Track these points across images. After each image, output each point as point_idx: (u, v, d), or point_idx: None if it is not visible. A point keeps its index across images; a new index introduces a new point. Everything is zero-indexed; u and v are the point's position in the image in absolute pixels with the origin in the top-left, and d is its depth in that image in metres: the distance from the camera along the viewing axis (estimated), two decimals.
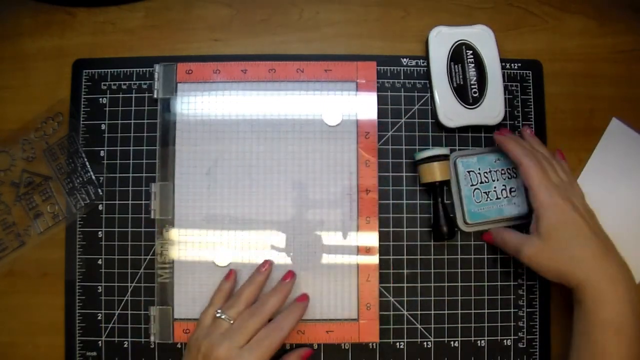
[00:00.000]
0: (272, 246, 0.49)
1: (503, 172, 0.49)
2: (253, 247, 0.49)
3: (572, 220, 0.42)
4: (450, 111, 0.49)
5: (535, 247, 0.43)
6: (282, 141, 0.49)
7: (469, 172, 0.49)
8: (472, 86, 0.49)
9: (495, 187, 0.49)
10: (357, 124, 0.50)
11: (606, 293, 0.40)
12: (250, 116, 0.50)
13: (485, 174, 0.49)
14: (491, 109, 0.49)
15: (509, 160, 0.48)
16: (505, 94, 0.50)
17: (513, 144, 0.45)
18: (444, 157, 0.47)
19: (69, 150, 0.50)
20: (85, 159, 0.50)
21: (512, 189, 0.49)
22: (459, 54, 0.49)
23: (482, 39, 0.50)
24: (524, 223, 0.48)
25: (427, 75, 0.50)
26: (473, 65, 0.49)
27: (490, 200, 0.49)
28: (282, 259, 0.48)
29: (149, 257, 0.49)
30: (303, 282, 0.48)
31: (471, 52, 0.49)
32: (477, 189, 0.49)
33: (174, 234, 0.48)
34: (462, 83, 0.49)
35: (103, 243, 0.49)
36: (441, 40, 0.50)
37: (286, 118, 0.50)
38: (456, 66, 0.49)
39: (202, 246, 0.48)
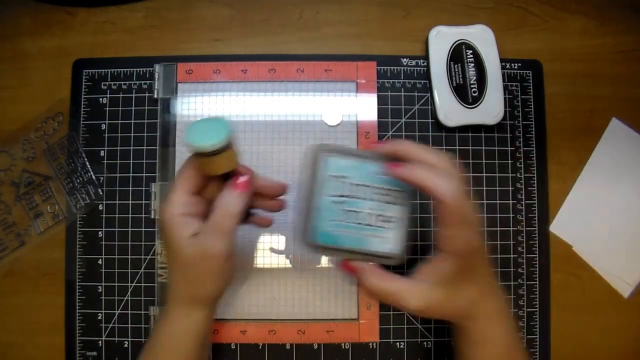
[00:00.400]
0: (271, 247, 0.49)
1: (385, 193, 0.36)
2: (253, 247, 0.49)
3: (475, 267, 0.36)
4: (450, 111, 0.49)
5: (429, 300, 0.36)
6: (282, 141, 0.49)
7: (334, 176, 0.36)
8: (472, 86, 0.49)
9: (364, 208, 0.36)
10: (357, 124, 0.50)
11: (494, 328, 0.38)
12: (250, 116, 0.50)
13: (358, 187, 0.36)
14: (491, 108, 0.49)
15: (398, 180, 0.36)
16: (505, 94, 0.50)
17: (420, 170, 0.35)
18: (230, 144, 0.35)
19: (69, 150, 0.50)
20: (86, 159, 0.50)
21: (389, 219, 0.37)
22: (459, 53, 0.49)
23: (482, 38, 0.50)
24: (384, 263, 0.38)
25: (427, 75, 0.50)
26: (473, 64, 0.49)
27: (353, 223, 0.36)
28: (282, 260, 0.48)
29: (149, 257, 0.49)
30: (303, 283, 0.48)
31: (471, 51, 0.49)
32: (338, 203, 0.36)
33: None
34: (461, 83, 0.49)
35: (103, 243, 0.49)
36: (441, 40, 0.50)
37: (286, 118, 0.50)
38: (456, 66, 0.49)
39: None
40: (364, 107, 0.50)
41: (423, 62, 0.51)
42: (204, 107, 0.50)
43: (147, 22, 0.52)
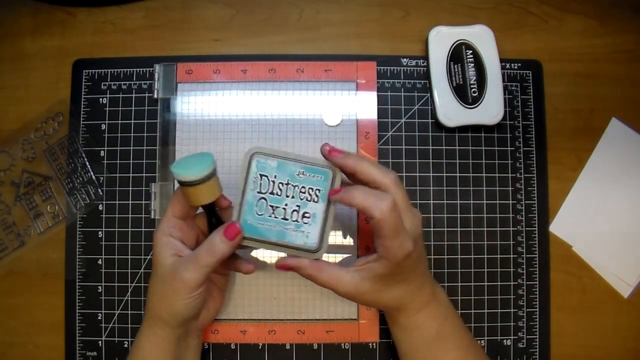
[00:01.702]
0: None
1: (303, 190, 0.40)
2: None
3: (406, 271, 0.39)
4: (450, 111, 0.49)
5: (357, 288, 0.39)
6: (282, 141, 0.49)
7: (261, 175, 0.40)
8: (472, 86, 0.49)
9: (286, 205, 0.40)
10: (357, 124, 0.50)
11: (426, 316, 0.41)
12: (250, 116, 0.50)
13: (281, 185, 0.40)
14: (491, 108, 0.49)
15: (315, 180, 0.40)
16: (505, 94, 0.50)
17: (357, 193, 0.38)
18: (212, 174, 0.39)
19: (69, 150, 0.50)
20: (86, 159, 0.50)
21: (306, 215, 0.40)
22: (459, 53, 0.49)
23: (482, 38, 0.50)
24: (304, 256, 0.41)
25: (426, 75, 0.50)
26: (472, 64, 0.49)
27: (275, 217, 0.40)
28: None
29: (149, 257, 0.49)
30: (303, 282, 0.48)
31: (471, 51, 0.49)
32: (264, 199, 0.40)
33: None
34: (461, 83, 0.49)
35: (103, 243, 0.49)
36: (441, 40, 0.50)
37: (286, 118, 0.50)
38: (456, 66, 0.49)
39: None
40: (364, 107, 0.50)
41: (423, 62, 0.51)
42: (203, 107, 0.50)
43: (147, 22, 0.52)
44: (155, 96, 0.50)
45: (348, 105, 0.50)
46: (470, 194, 0.50)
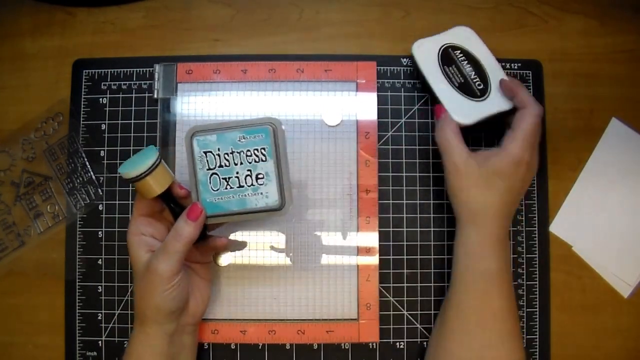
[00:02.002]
0: (271, 246, 0.49)
1: (249, 153, 0.40)
2: (253, 247, 0.49)
3: (512, 181, 0.42)
4: (463, 109, 0.47)
5: (467, 166, 0.42)
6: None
7: (205, 153, 0.40)
8: (474, 80, 0.49)
9: (238, 173, 0.40)
10: (357, 124, 0.50)
11: (490, 247, 0.42)
12: (250, 116, 0.50)
13: (226, 155, 0.40)
14: (500, 95, 0.48)
15: (258, 139, 0.40)
16: None
17: (524, 88, 0.45)
18: (156, 164, 0.39)
19: (69, 150, 0.50)
20: (86, 159, 0.50)
21: (260, 175, 0.40)
22: (448, 56, 0.49)
23: (465, 37, 0.49)
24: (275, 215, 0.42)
25: (426, 89, 0.49)
26: (466, 62, 0.49)
27: (231, 188, 0.40)
28: (282, 260, 0.48)
29: None
30: (303, 282, 0.48)
31: (459, 51, 0.49)
32: (216, 174, 0.40)
33: None
34: (462, 81, 0.49)
35: (103, 243, 0.49)
36: (426, 51, 0.49)
37: (286, 118, 0.50)
38: (450, 68, 0.49)
39: None
40: (363, 107, 0.50)
41: None
42: (203, 107, 0.50)
43: (147, 22, 0.52)
44: (155, 96, 0.50)
45: (348, 106, 0.50)
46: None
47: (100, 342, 0.48)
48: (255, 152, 0.40)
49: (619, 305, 0.50)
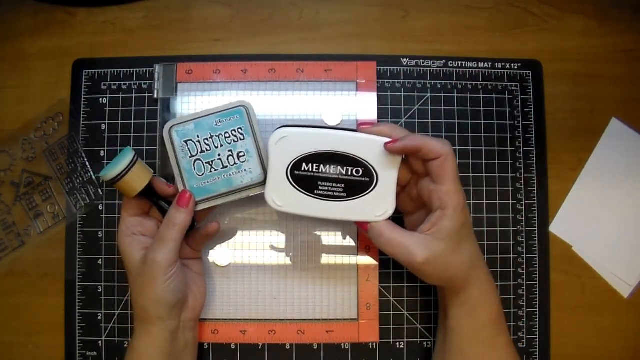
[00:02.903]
0: (271, 246, 0.49)
1: (227, 135, 0.42)
2: (253, 247, 0.49)
3: (469, 222, 0.40)
4: (376, 209, 0.41)
5: (434, 251, 0.38)
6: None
7: (186, 142, 0.42)
8: (351, 176, 0.41)
9: (219, 155, 0.42)
10: (357, 124, 0.49)
11: (491, 290, 0.41)
12: None
13: (206, 140, 0.42)
14: (384, 163, 0.41)
15: (233, 121, 0.42)
16: (505, 94, 0.50)
17: (419, 137, 0.39)
18: (133, 163, 0.41)
19: (69, 150, 0.50)
20: (86, 159, 0.50)
21: (241, 154, 0.42)
22: (301, 179, 0.41)
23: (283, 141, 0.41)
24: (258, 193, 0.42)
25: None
26: (322, 165, 0.41)
27: (215, 170, 0.42)
28: (281, 259, 0.48)
29: None
30: (303, 282, 0.48)
31: (304, 163, 0.41)
32: (198, 159, 0.42)
33: None
34: (343, 186, 0.41)
35: (103, 243, 0.49)
36: (282, 196, 0.42)
37: (286, 118, 0.50)
38: (322, 187, 0.41)
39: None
40: (364, 107, 0.50)
41: (423, 62, 0.51)
42: (203, 107, 0.50)
43: (147, 22, 0.52)
44: (155, 96, 0.50)
45: (348, 106, 0.50)
46: (470, 194, 0.50)
47: (100, 342, 0.48)
48: (233, 132, 0.43)
49: (619, 305, 0.50)
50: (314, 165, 0.41)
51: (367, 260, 0.48)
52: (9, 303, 0.49)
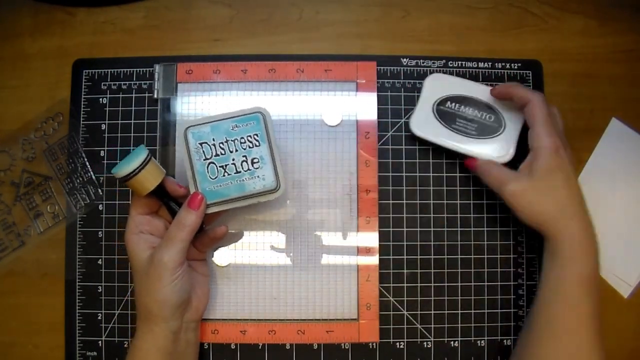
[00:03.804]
0: (271, 246, 0.49)
1: (243, 140, 0.42)
2: (253, 247, 0.49)
3: (565, 168, 0.42)
4: (498, 150, 0.47)
5: (522, 185, 0.42)
6: (282, 141, 0.49)
7: (201, 144, 0.42)
8: (483, 117, 0.48)
9: (234, 160, 0.42)
10: (357, 124, 0.50)
11: (583, 247, 0.41)
12: None
13: (221, 144, 0.42)
14: (509, 111, 0.48)
15: (250, 127, 0.42)
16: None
17: (517, 85, 0.45)
18: (146, 162, 0.41)
19: (69, 150, 0.50)
20: (86, 159, 0.50)
21: (255, 160, 0.42)
22: (445, 114, 0.48)
23: (440, 86, 0.49)
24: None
25: (454, 155, 0.48)
26: (462, 106, 0.49)
27: (229, 175, 0.42)
28: (282, 260, 0.48)
29: None
30: (303, 282, 0.48)
31: (449, 102, 0.48)
32: (212, 163, 0.42)
33: None
34: (476, 126, 0.49)
35: (103, 243, 0.49)
36: (424, 123, 0.49)
37: (286, 118, 0.50)
38: (456, 123, 0.48)
39: None
40: (363, 107, 0.50)
41: (423, 62, 0.51)
42: (204, 107, 0.50)
43: (147, 22, 0.52)
44: (155, 96, 0.50)
45: (348, 106, 0.50)
46: (471, 193, 0.50)
47: (100, 342, 0.48)
48: (249, 138, 0.43)
49: (619, 305, 0.50)
50: (457, 104, 0.48)
51: (367, 260, 0.48)
52: (9, 303, 0.49)
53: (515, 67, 0.51)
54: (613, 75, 0.52)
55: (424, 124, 0.48)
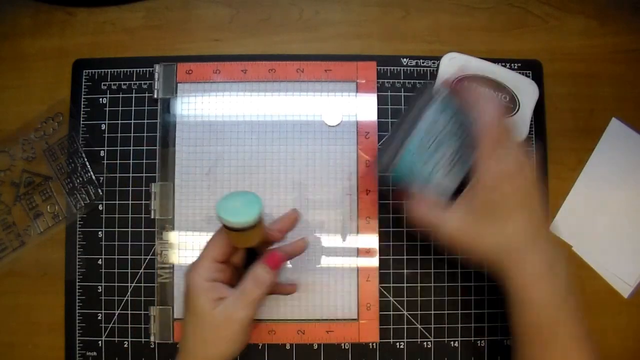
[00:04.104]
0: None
1: (461, 136, 0.39)
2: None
3: (511, 201, 0.35)
4: (514, 129, 0.47)
5: (461, 220, 0.36)
6: (282, 141, 0.49)
7: (433, 121, 0.39)
8: (499, 98, 0.48)
9: (443, 149, 0.39)
10: (357, 124, 0.50)
11: (546, 282, 0.35)
12: (251, 117, 0.50)
13: (444, 129, 0.39)
14: (522, 89, 0.48)
15: (465, 123, 0.39)
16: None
17: (484, 103, 0.37)
18: (260, 219, 0.37)
19: (69, 150, 0.50)
20: (85, 159, 0.50)
21: (458, 159, 0.39)
22: None
23: (457, 64, 0.48)
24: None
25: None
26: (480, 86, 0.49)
27: (429, 161, 0.39)
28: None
29: (149, 257, 0.49)
30: (303, 282, 0.48)
31: (466, 82, 0.48)
32: (426, 141, 0.39)
33: (174, 234, 0.48)
34: None
35: (103, 243, 0.49)
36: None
37: (286, 118, 0.50)
38: None
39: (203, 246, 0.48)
40: (364, 107, 0.50)
41: (423, 62, 0.51)
42: (203, 107, 0.50)
43: (147, 22, 0.52)
44: (156, 96, 0.50)
45: (348, 105, 0.50)
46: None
47: (100, 342, 0.48)
48: (467, 138, 0.39)
49: (619, 305, 0.50)
50: (474, 84, 0.47)
51: (367, 260, 0.48)
52: (9, 303, 0.49)
53: (515, 67, 0.51)
54: (613, 75, 0.52)
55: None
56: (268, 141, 0.49)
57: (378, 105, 0.50)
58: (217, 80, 0.50)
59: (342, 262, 0.48)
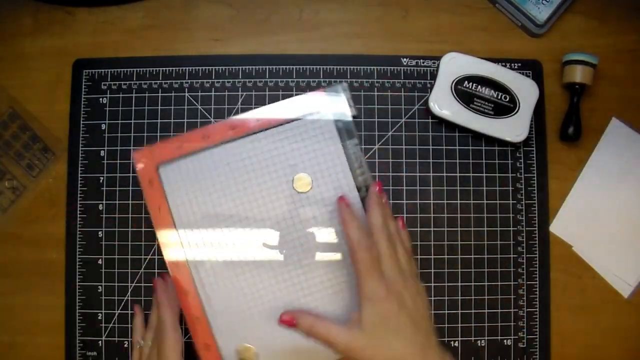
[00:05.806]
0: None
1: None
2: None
3: (395, 317, 0.37)
4: (513, 130, 0.49)
5: (354, 339, 0.37)
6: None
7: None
8: (499, 97, 0.49)
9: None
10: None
11: None
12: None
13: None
14: (522, 89, 0.49)
15: None
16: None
17: (351, 225, 0.40)
18: (591, 65, 0.47)
19: (10, 124, 0.49)
20: (36, 131, 0.49)
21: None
22: (464, 93, 0.49)
23: (458, 65, 0.49)
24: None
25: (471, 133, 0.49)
26: (480, 86, 0.49)
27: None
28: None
29: (149, 257, 0.49)
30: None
31: (466, 81, 0.49)
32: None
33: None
34: (493, 106, 0.49)
35: (103, 243, 0.49)
36: (442, 101, 0.49)
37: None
38: (474, 103, 0.49)
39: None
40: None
41: (423, 62, 0.51)
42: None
43: (147, 22, 0.52)
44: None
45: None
46: (471, 193, 0.50)
47: (100, 342, 0.48)
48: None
49: (619, 305, 0.50)
50: (474, 84, 0.48)
51: None
52: (9, 303, 0.49)
53: (515, 67, 0.51)
54: (613, 75, 0.52)
55: (443, 102, 0.49)
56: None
57: (378, 105, 0.50)
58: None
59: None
